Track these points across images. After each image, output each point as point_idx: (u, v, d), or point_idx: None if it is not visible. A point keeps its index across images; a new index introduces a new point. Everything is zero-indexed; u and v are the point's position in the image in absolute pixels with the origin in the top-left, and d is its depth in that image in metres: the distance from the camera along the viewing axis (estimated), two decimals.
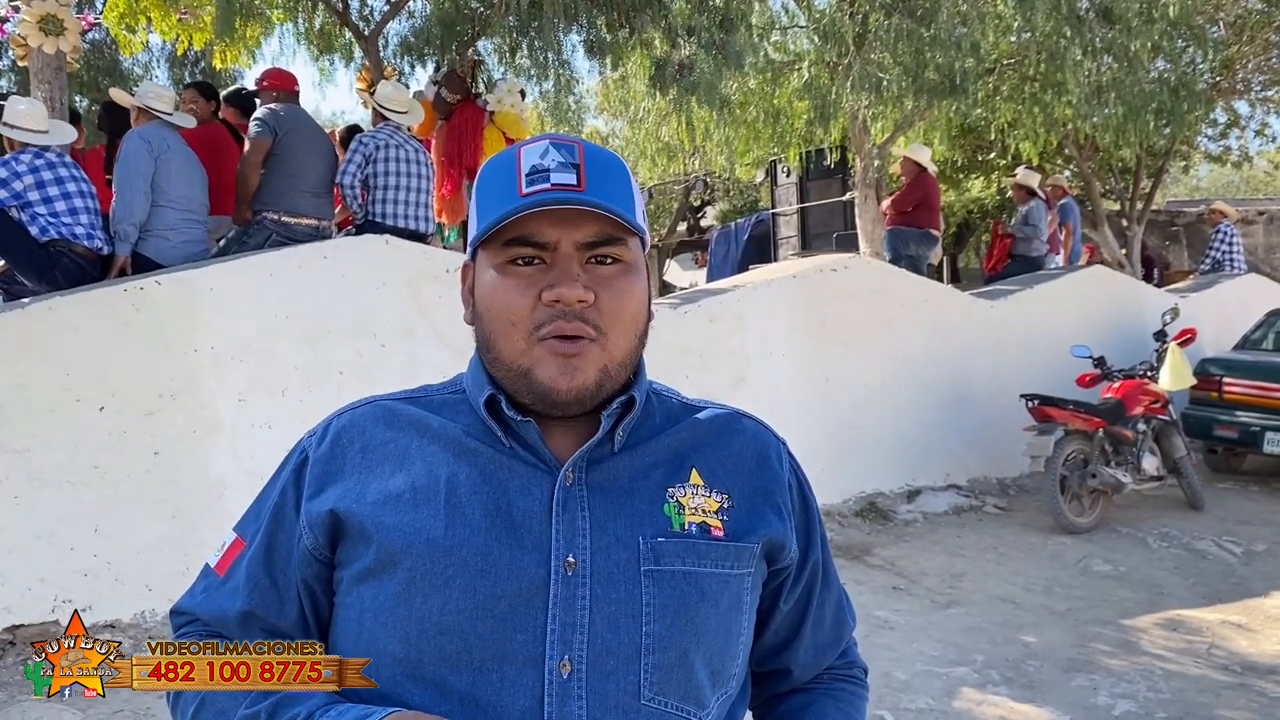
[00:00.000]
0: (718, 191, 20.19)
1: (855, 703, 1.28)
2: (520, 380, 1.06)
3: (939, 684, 4.07)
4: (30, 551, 4.05)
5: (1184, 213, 17.80)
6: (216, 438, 4.52)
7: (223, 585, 1.15)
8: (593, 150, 1.08)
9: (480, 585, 1.02)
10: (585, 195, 1.03)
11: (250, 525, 1.16)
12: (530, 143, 1.08)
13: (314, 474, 1.12)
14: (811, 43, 10.02)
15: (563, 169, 1.04)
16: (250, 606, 1.11)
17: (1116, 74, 9.25)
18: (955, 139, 12.51)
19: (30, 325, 4.15)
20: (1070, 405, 6.65)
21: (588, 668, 1.01)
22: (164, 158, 5.07)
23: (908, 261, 8.55)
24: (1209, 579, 5.62)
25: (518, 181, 1.05)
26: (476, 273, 1.11)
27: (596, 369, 1.05)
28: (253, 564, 1.13)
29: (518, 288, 1.05)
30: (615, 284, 1.06)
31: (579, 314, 1.03)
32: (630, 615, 1.03)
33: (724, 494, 1.13)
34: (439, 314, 5.14)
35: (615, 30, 7.23)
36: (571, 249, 1.04)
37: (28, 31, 5.54)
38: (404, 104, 6.06)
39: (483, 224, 1.06)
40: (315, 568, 1.11)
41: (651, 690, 1.03)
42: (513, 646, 1.01)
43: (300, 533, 1.10)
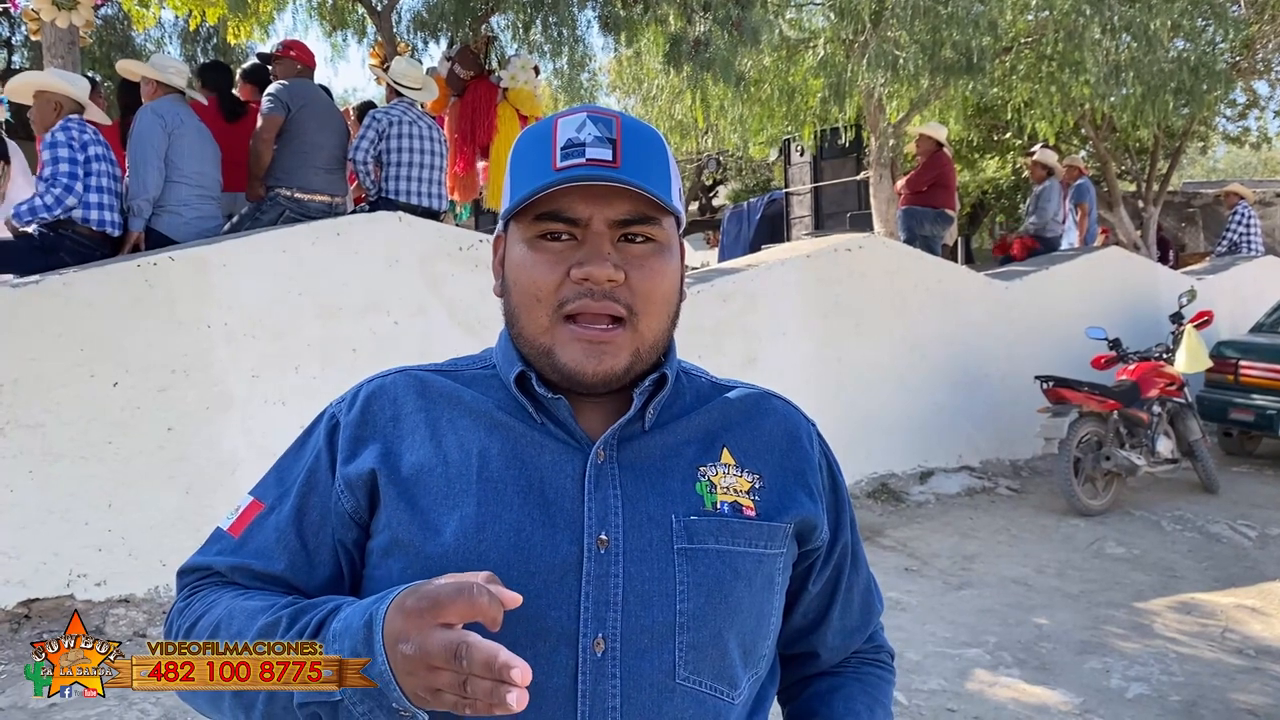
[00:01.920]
0: (730, 170, 20.13)
1: (882, 687, 1.27)
2: (544, 359, 1.05)
3: (951, 665, 4.07)
4: (44, 526, 4.07)
5: (1201, 194, 17.65)
6: (229, 414, 4.53)
7: (240, 548, 1.09)
8: (631, 125, 1.05)
9: (515, 561, 1.01)
10: (620, 172, 1.01)
11: (272, 489, 1.12)
12: (568, 114, 1.05)
13: (346, 438, 1.10)
14: (827, 19, 9.96)
15: (599, 144, 1.02)
16: (278, 569, 1.07)
17: (1135, 53, 9.15)
18: (971, 118, 12.44)
19: (44, 301, 4.16)
20: (1085, 387, 6.61)
21: (622, 646, 1.01)
22: (177, 133, 5.05)
23: (922, 241, 8.49)
24: (1223, 562, 5.60)
25: (552, 154, 1.02)
26: (507, 245, 1.10)
27: (628, 354, 1.04)
28: (282, 525, 1.09)
29: (546, 263, 1.03)
30: (647, 263, 1.04)
31: (607, 293, 1.02)
32: (664, 594, 1.03)
33: (755, 474, 1.12)
34: (451, 291, 5.13)
35: (630, 6, 7.18)
36: (603, 226, 1.02)
37: (40, 6, 5.53)
38: (418, 80, 6.03)
39: (515, 196, 1.04)
40: (354, 532, 1.08)
41: (686, 669, 1.03)
42: (547, 624, 1.00)
43: (337, 496, 1.08)
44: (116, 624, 4.07)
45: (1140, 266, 9.48)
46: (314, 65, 6.03)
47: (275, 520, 1.10)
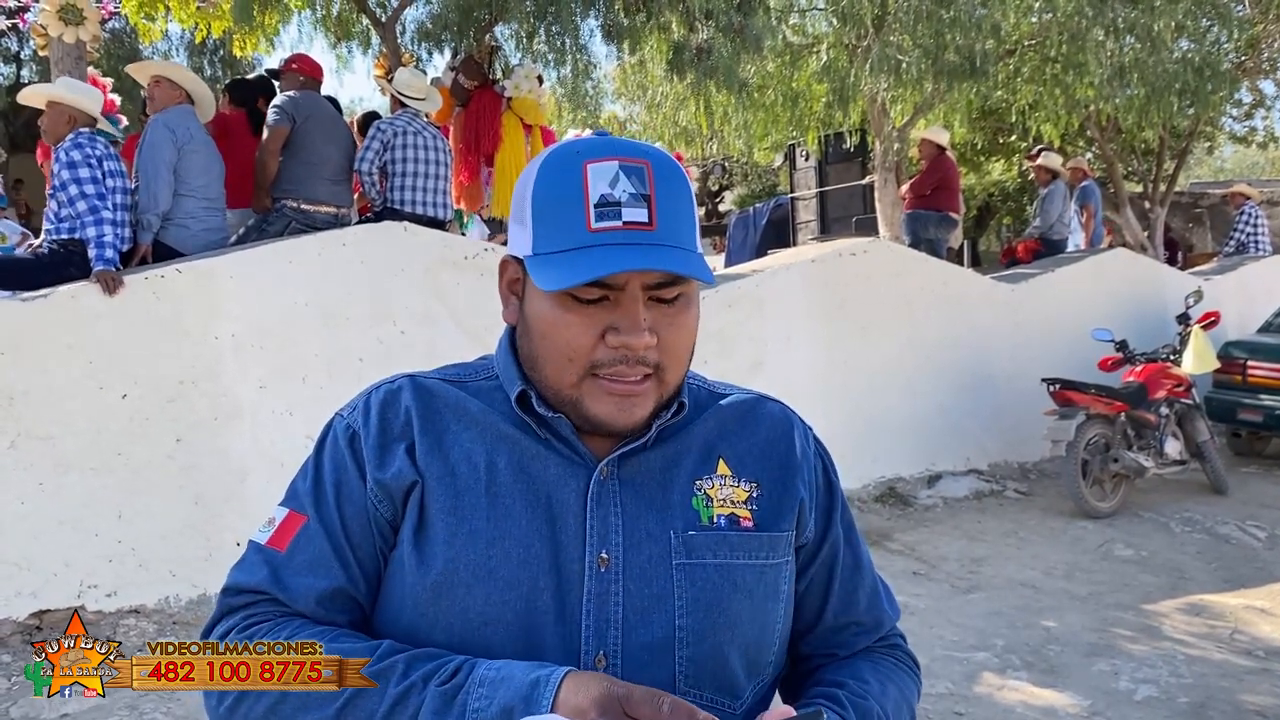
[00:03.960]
0: (735, 176, 20.15)
1: (899, 670, 1.22)
2: (567, 406, 1.06)
3: (959, 669, 4.07)
4: (55, 537, 4.10)
5: (1208, 194, 17.59)
6: (237, 424, 4.55)
7: (290, 562, 1.07)
8: (661, 172, 1.02)
9: (522, 578, 1.02)
10: (656, 235, 0.99)
11: (307, 501, 1.10)
12: (597, 159, 1.01)
13: (370, 445, 1.09)
14: (830, 25, 9.97)
15: (634, 202, 0.99)
16: (337, 583, 1.06)
17: (1139, 54, 9.16)
18: (975, 121, 12.44)
19: (54, 314, 4.19)
20: (1092, 389, 6.60)
21: (623, 662, 1.02)
22: (187, 147, 5.06)
23: (927, 245, 8.49)
24: (1232, 563, 5.58)
25: (585, 211, 0.99)
26: (528, 286, 1.07)
27: (654, 401, 1.06)
28: (330, 537, 1.07)
29: (580, 325, 1.02)
30: (676, 320, 1.04)
31: (640, 357, 1.02)
32: (663, 610, 1.04)
33: (753, 482, 1.12)
34: (457, 301, 5.15)
35: (633, 14, 7.20)
36: (639, 290, 1.01)
37: (48, 21, 5.56)
38: (422, 91, 6.05)
39: (543, 246, 1.02)
40: (391, 537, 1.08)
41: (686, 683, 1.04)
42: (552, 640, 1.01)
43: (370, 504, 1.07)
44: (127, 634, 4.09)
45: (1146, 267, 9.46)
46: (320, 77, 6.06)
47: (320, 532, 1.07)
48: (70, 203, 4.53)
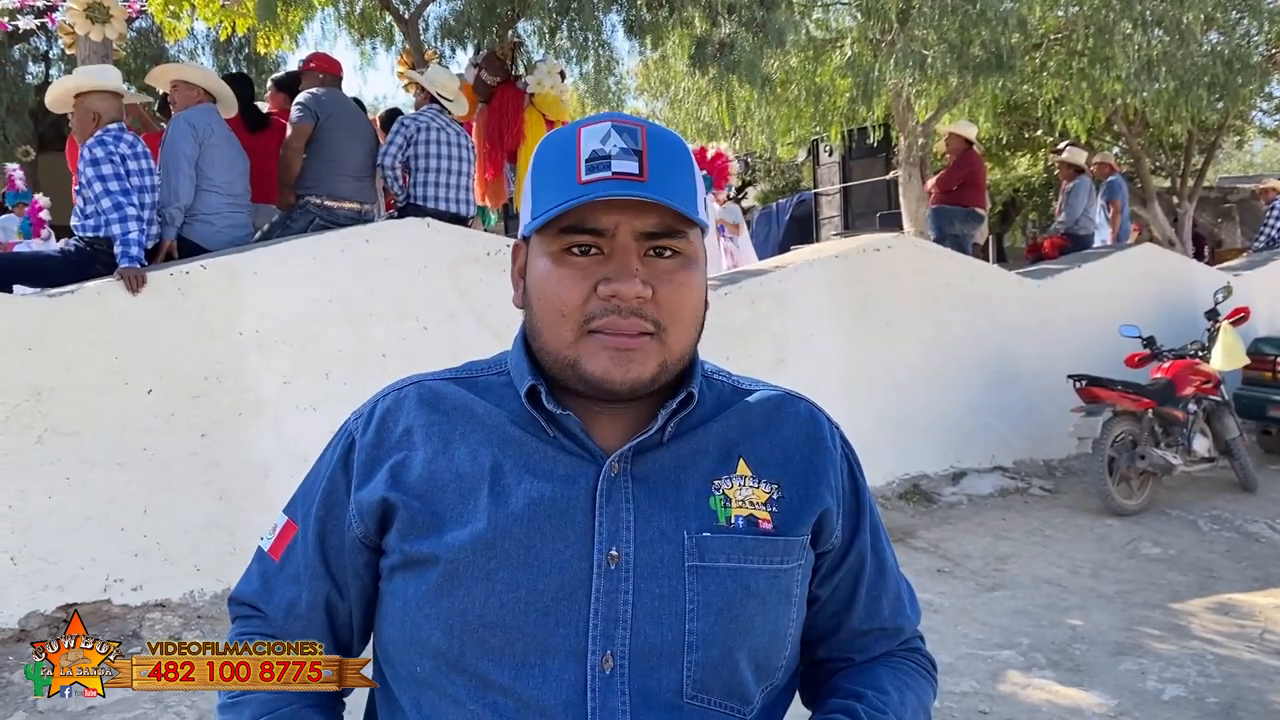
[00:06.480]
0: (759, 172, 20.09)
1: (916, 675, 1.21)
2: (568, 370, 1.03)
3: (984, 667, 4.04)
4: (82, 532, 4.13)
5: (1237, 189, 17.40)
6: (261, 420, 4.57)
7: (280, 572, 1.14)
8: (656, 134, 1.03)
9: (522, 579, 1.01)
10: (647, 186, 0.98)
11: (300, 508, 1.15)
12: (591, 122, 1.03)
13: (360, 460, 1.10)
14: (854, 19, 9.93)
15: (625, 155, 0.99)
16: (314, 598, 1.11)
17: (1167, 47, 9.05)
18: (1001, 116, 12.34)
19: (79, 310, 4.22)
20: (1119, 386, 6.54)
21: (630, 664, 1.00)
22: (208, 143, 5.10)
23: (952, 240, 8.43)
24: (1261, 562, 5.51)
25: (577, 167, 0.99)
26: (529, 256, 1.07)
27: (655, 363, 1.02)
28: (309, 552, 1.12)
29: (571, 278, 1.01)
30: (674, 278, 1.02)
31: (635, 310, 1.00)
32: (674, 612, 1.02)
33: (774, 484, 1.10)
34: (480, 297, 5.15)
35: (655, 10, 7.19)
36: (630, 239, 1.00)
37: (75, 20, 5.60)
38: (454, 91, 6.03)
39: (538, 209, 1.02)
40: (365, 555, 1.10)
41: (694, 688, 1.02)
42: (555, 640, 1.00)
43: (349, 521, 1.09)
44: (153, 628, 4.12)
45: (1174, 263, 9.36)
46: (339, 73, 6.06)
47: (303, 546, 1.13)
48: (95, 200, 4.56)
